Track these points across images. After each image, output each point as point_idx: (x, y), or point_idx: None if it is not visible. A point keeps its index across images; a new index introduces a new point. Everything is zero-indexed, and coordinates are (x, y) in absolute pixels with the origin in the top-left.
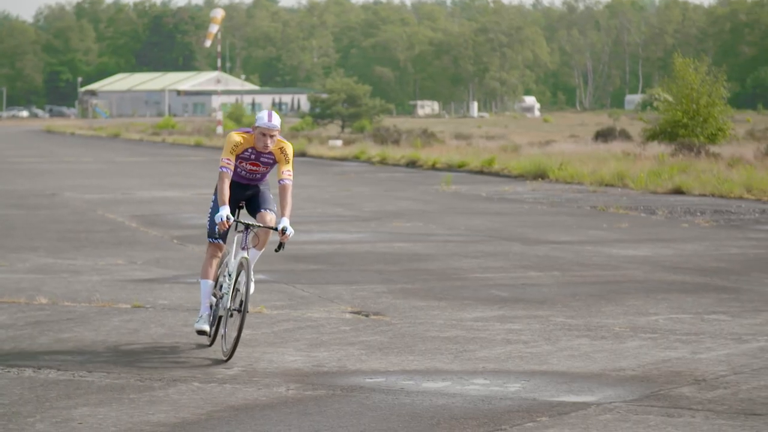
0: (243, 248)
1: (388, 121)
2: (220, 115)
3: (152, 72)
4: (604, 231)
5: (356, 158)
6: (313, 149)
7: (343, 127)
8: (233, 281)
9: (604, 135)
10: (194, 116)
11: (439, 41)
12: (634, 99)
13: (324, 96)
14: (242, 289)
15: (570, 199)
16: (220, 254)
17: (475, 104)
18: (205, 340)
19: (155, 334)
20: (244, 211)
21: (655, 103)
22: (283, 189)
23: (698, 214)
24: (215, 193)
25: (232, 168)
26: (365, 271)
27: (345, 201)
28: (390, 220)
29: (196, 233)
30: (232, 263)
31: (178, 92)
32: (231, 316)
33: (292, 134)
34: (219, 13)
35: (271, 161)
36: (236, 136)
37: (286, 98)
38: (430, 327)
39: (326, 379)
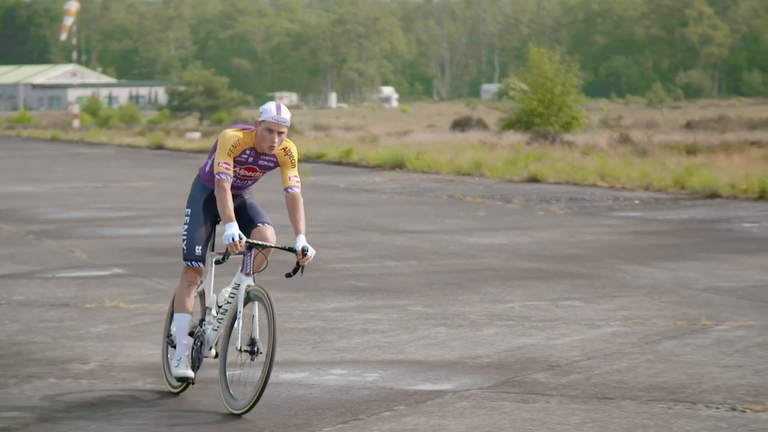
0: (247, 274)
1: (246, 113)
2: (76, 109)
3: (6, 65)
4: (461, 220)
5: None
6: (171, 142)
7: (201, 119)
8: (234, 315)
9: (461, 124)
10: (50, 110)
11: (296, 33)
12: (490, 88)
13: (181, 88)
14: (257, 324)
15: (427, 189)
16: (199, 281)
17: (334, 95)
18: (173, 388)
19: (10, 330)
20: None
21: (510, 93)
22: (293, 199)
23: (553, 201)
24: (189, 205)
25: (232, 173)
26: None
27: None
28: None
29: (52, 228)
30: (225, 293)
31: (33, 86)
32: (243, 356)
33: (149, 127)
34: (73, 6)
35: (272, 165)
36: (233, 134)
37: (144, 91)
38: (288, 318)
39: None
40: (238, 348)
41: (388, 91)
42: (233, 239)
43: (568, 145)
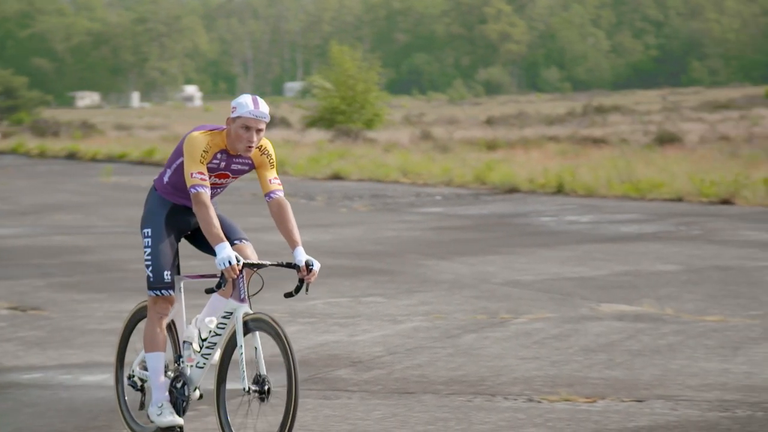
0: (242, 300)
1: (47, 113)
2: None
3: None
4: (263, 218)
5: (14, 151)
6: None
7: None
8: (226, 350)
9: None
10: None
11: (97, 31)
12: (293, 86)
13: None
14: (262, 358)
15: (231, 188)
16: (170, 311)
17: (136, 95)
18: None
19: None
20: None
21: (313, 91)
22: (279, 206)
23: (356, 198)
24: (148, 224)
25: (209, 184)
26: (23, 265)
27: (2, 195)
28: (49, 214)
29: None
30: (209, 323)
31: None
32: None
33: None
34: None
35: (247, 168)
36: (201, 138)
37: None
38: (89, 320)
39: None
40: (245, 389)
41: (191, 90)
42: (230, 263)
43: (371, 142)
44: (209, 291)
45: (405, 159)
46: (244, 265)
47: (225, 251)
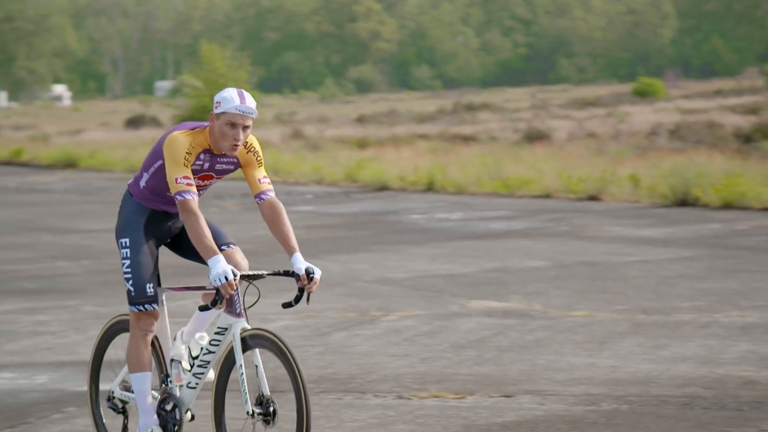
0: (239, 315)
1: None
2: None
3: None
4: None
5: None
6: None
7: None
8: (222, 368)
9: (134, 122)
10: None
11: None
12: (164, 85)
13: None
14: (264, 378)
15: (101, 188)
16: (155, 327)
17: (4, 94)
18: None
19: None
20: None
21: (184, 90)
22: (272, 208)
23: (228, 197)
24: (125, 233)
25: (196, 188)
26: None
27: None
28: None
29: None
30: (201, 339)
31: None
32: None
33: None
34: None
35: (232, 167)
36: (183, 138)
37: None
38: None
39: None
40: (249, 413)
41: (60, 89)
42: (227, 278)
43: None
44: (204, 309)
45: (276, 158)
46: (240, 277)
47: (219, 266)
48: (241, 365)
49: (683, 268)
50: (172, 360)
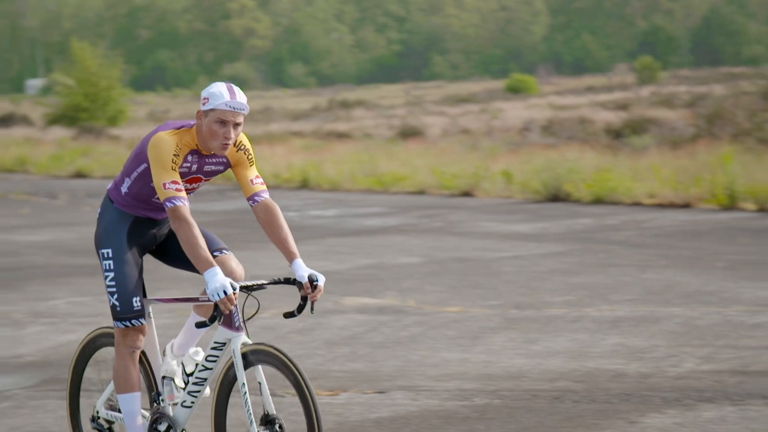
0: (238, 328)
1: None
2: None
3: None
4: (4, 218)
5: None
6: None
7: None
8: (223, 386)
9: (5, 121)
10: None
11: None
12: (34, 84)
13: None
14: (268, 395)
15: None
16: (142, 342)
17: None
18: None
19: None
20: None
21: (56, 88)
22: (267, 210)
23: (99, 197)
24: (106, 243)
25: (186, 194)
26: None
27: None
28: None
29: None
30: (196, 355)
31: None
32: None
33: None
34: None
35: (222, 168)
36: (169, 139)
37: None
38: None
39: None
40: None
41: None
42: (225, 293)
43: (115, 140)
44: (201, 326)
45: None
46: (240, 288)
47: (217, 279)
48: (243, 383)
49: (555, 263)
50: (163, 377)
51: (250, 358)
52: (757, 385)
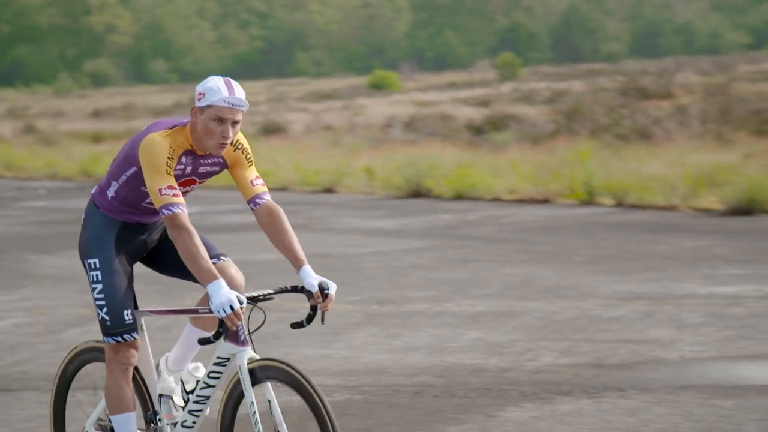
0: (243, 343)
1: None
2: None
3: None
4: None
5: None
6: None
7: None
8: (228, 404)
9: None
10: None
11: None
12: None
13: None
14: (278, 413)
15: None
16: (135, 359)
17: None
18: None
19: None
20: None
21: None
22: (270, 213)
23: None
24: (94, 252)
25: (183, 199)
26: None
27: None
28: None
29: None
30: (196, 371)
31: None
32: None
33: None
34: None
35: (217, 169)
36: (162, 141)
37: None
38: None
39: None
40: None
41: None
42: (232, 308)
43: None
44: (205, 342)
45: (7, 153)
46: (249, 300)
47: (222, 293)
48: (252, 402)
49: (416, 259)
50: (161, 395)
51: (258, 375)
52: (612, 378)
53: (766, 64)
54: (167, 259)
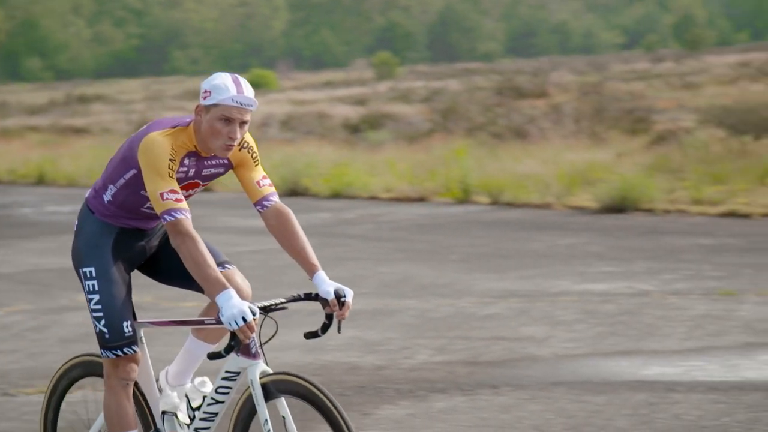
0: (255, 356)
1: None
2: None
3: None
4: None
5: None
6: None
7: None
8: (238, 421)
9: None
10: None
11: None
12: None
13: None
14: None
15: None
16: (136, 373)
17: None
18: None
19: None
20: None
21: None
22: (280, 215)
23: None
24: (89, 261)
25: (186, 204)
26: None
27: None
28: None
29: None
30: (203, 386)
31: None
32: None
33: None
34: None
35: (222, 170)
36: (163, 141)
37: None
38: None
39: None
40: None
41: None
42: (245, 320)
43: None
44: (215, 357)
45: None
46: (263, 312)
47: (233, 304)
48: (266, 420)
49: (291, 258)
50: (164, 412)
51: (271, 390)
52: (486, 375)
53: (639, 63)
54: (168, 267)
